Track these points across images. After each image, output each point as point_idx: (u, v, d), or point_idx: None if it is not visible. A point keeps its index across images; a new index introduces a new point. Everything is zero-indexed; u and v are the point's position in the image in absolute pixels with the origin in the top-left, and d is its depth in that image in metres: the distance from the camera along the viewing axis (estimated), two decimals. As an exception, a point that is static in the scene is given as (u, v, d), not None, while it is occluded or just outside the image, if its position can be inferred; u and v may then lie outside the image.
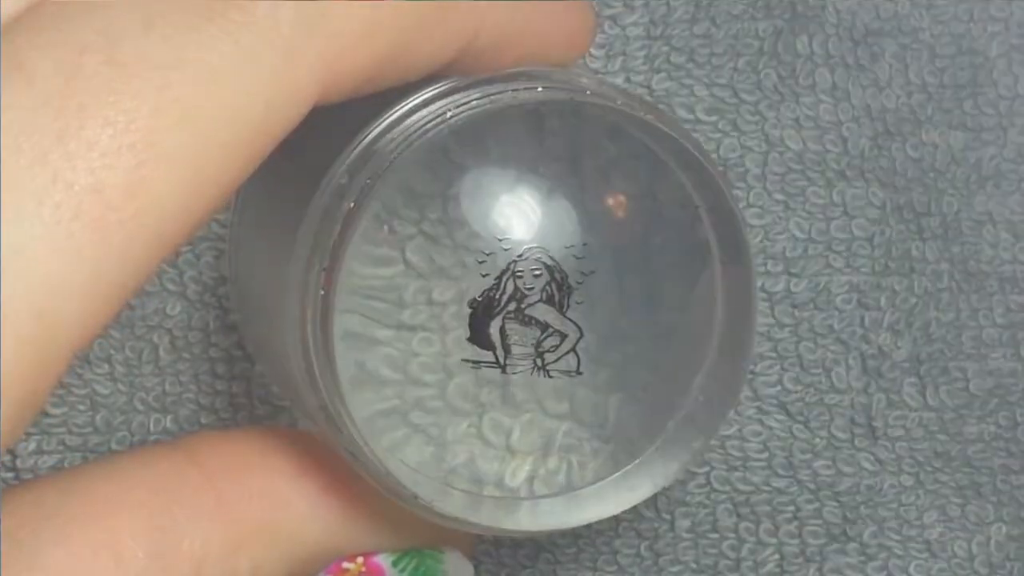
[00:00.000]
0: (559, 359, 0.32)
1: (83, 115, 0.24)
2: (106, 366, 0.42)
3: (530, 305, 0.31)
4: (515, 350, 0.32)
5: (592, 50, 0.43)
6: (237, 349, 0.42)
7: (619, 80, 0.42)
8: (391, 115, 0.30)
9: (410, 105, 0.30)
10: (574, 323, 0.32)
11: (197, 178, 0.25)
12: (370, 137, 0.30)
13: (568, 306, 0.32)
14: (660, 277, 0.33)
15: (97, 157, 0.24)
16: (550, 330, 0.32)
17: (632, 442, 0.33)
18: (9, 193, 0.23)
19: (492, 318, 0.31)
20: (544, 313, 0.31)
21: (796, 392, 0.42)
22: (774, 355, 0.42)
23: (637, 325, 0.33)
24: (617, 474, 0.33)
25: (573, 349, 0.32)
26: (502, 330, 0.31)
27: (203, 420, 0.42)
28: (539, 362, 0.32)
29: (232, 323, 0.42)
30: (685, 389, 0.33)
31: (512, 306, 0.31)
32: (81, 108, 0.24)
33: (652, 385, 0.33)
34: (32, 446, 0.41)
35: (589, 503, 0.33)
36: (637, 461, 0.33)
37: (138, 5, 0.25)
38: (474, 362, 0.31)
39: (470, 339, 0.31)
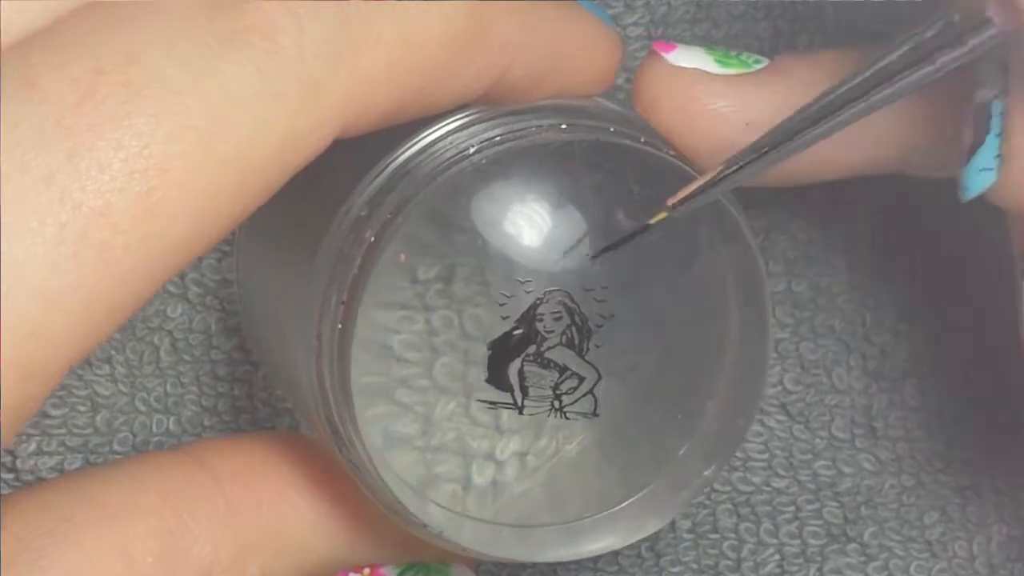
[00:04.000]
0: (576, 401, 0.32)
1: (95, 136, 0.24)
2: (107, 367, 0.41)
3: (549, 348, 0.31)
4: (532, 392, 0.31)
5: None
6: (239, 351, 0.42)
7: (619, 80, 0.42)
8: (412, 145, 0.30)
9: (432, 136, 0.30)
10: (592, 366, 0.32)
11: (208, 206, 0.25)
12: (391, 167, 0.30)
13: (587, 349, 0.32)
14: (678, 311, 0.33)
15: (107, 180, 0.24)
16: (568, 372, 0.32)
17: (643, 471, 0.33)
18: (11, 209, 0.23)
19: (510, 360, 0.31)
20: (563, 356, 0.31)
21: (796, 392, 0.42)
22: (775, 355, 0.42)
23: (652, 358, 0.33)
24: (626, 503, 0.33)
25: (591, 391, 0.32)
26: (520, 372, 0.31)
27: (206, 422, 0.42)
28: (556, 404, 0.32)
29: (233, 326, 0.42)
30: (697, 417, 0.33)
31: (532, 349, 0.31)
32: (93, 129, 0.24)
33: (664, 414, 0.33)
34: (32, 447, 0.41)
35: (598, 534, 0.33)
36: (646, 491, 0.33)
37: (158, 27, 0.25)
38: (491, 403, 0.31)
39: (488, 380, 0.31)
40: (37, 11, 0.25)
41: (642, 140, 0.31)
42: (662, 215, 0.30)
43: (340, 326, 0.29)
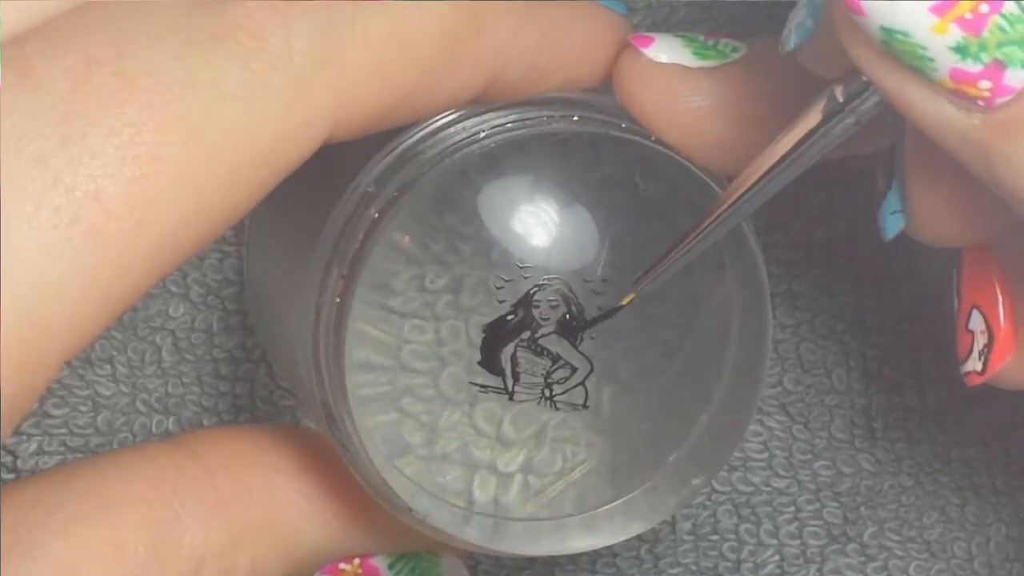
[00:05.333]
0: (567, 391, 0.32)
1: (88, 123, 0.24)
2: (108, 367, 0.42)
3: (544, 335, 0.31)
4: (524, 378, 0.32)
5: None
6: (240, 350, 0.42)
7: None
8: (424, 128, 0.30)
9: (444, 120, 0.30)
10: (586, 357, 0.32)
11: (200, 196, 0.25)
12: (401, 148, 0.30)
13: (582, 340, 0.32)
14: (676, 316, 0.33)
15: (100, 165, 0.24)
16: (561, 362, 0.32)
17: (632, 474, 0.33)
18: (7, 193, 0.23)
19: (504, 344, 0.31)
20: (557, 345, 0.31)
21: (796, 393, 0.42)
22: (775, 356, 0.42)
23: (649, 361, 0.33)
24: (613, 504, 0.33)
25: (582, 383, 0.32)
26: (513, 357, 0.31)
27: (205, 422, 0.42)
28: (547, 392, 0.32)
29: (235, 324, 0.42)
30: (691, 425, 0.33)
31: (526, 335, 0.31)
32: (86, 116, 0.24)
33: (657, 419, 0.33)
34: (33, 447, 0.41)
35: (583, 532, 0.33)
36: (634, 493, 0.33)
37: (150, 21, 0.25)
38: (481, 386, 0.31)
39: (480, 363, 0.31)
40: (35, 10, 0.26)
41: (652, 139, 0.31)
42: (631, 296, 0.31)
43: (339, 300, 0.29)
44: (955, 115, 0.26)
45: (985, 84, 0.25)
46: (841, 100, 0.28)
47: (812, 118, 0.28)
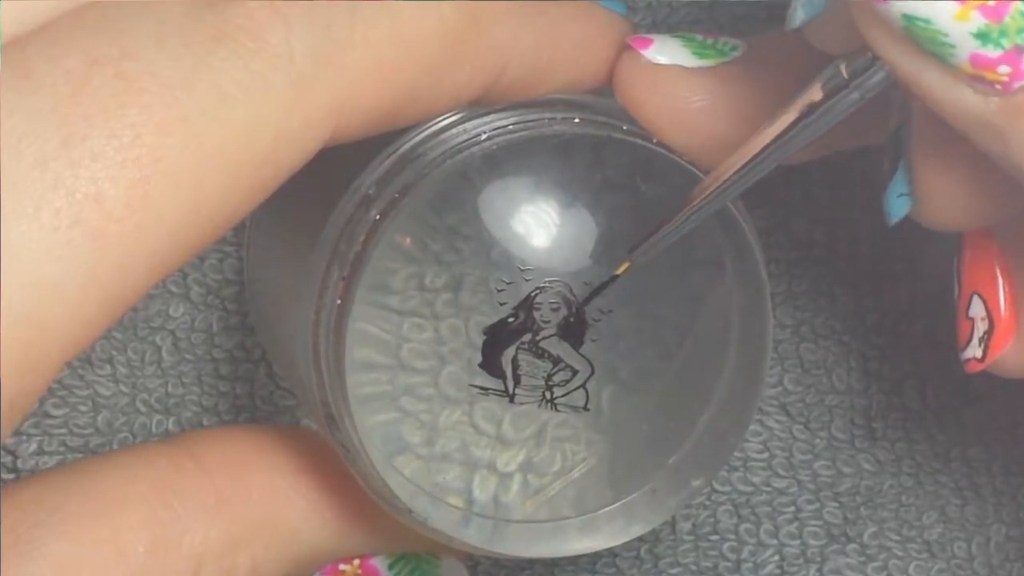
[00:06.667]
0: (568, 394, 0.32)
1: (89, 125, 0.24)
2: (108, 367, 0.42)
3: (545, 338, 0.31)
4: (525, 381, 0.32)
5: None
6: (240, 350, 0.42)
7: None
8: (425, 130, 0.30)
9: (445, 122, 0.30)
10: (587, 359, 0.32)
11: (200, 198, 0.25)
12: (402, 150, 0.30)
13: (583, 342, 0.32)
14: (676, 316, 0.33)
15: (100, 168, 0.24)
16: (562, 364, 0.32)
17: (632, 475, 0.33)
18: (7, 195, 0.23)
19: (505, 347, 0.31)
20: (558, 347, 0.31)
21: (796, 393, 0.42)
22: (775, 356, 0.42)
23: (649, 361, 0.33)
24: (612, 506, 0.33)
25: (583, 385, 0.32)
26: (514, 360, 0.31)
27: (205, 422, 0.42)
28: (548, 395, 0.32)
29: (235, 324, 0.42)
30: (691, 426, 0.33)
31: (527, 337, 0.31)
32: (87, 118, 0.24)
33: (657, 420, 0.33)
34: (33, 447, 0.41)
35: (582, 534, 0.33)
36: (634, 495, 0.33)
37: (150, 23, 0.25)
38: (482, 389, 0.31)
39: (481, 365, 0.31)
40: (36, 11, 0.26)
41: (654, 141, 0.31)
42: (626, 264, 0.31)
43: (339, 301, 0.29)
44: (972, 99, 0.26)
45: (1004, 69, 0.25)
46: (846, 76, 0.28)
47: (816, 92, 0.28)
